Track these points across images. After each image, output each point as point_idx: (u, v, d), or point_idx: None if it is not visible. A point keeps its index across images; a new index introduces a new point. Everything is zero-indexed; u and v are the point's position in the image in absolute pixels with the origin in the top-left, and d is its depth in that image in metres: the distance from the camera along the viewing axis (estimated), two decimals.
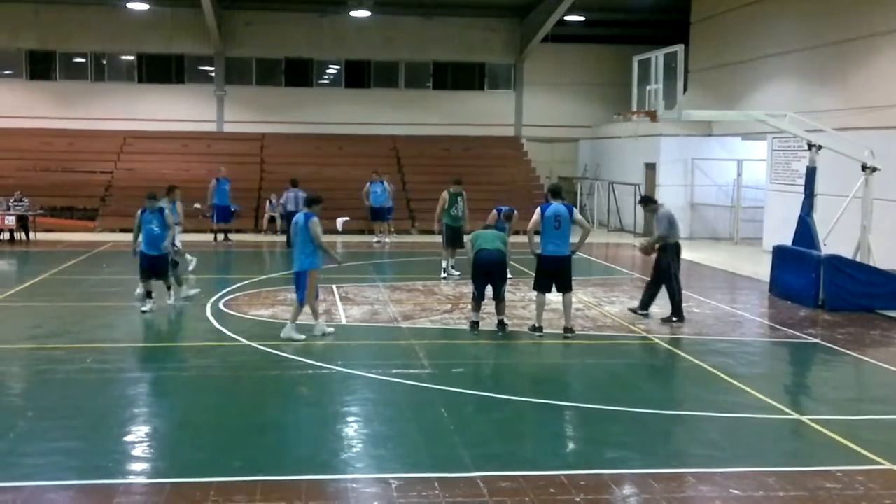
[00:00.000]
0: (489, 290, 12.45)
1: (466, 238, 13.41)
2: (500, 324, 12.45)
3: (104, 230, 25.61)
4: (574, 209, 12.35)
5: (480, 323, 12.54)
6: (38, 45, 31.37)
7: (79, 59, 31.88)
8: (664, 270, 13.39)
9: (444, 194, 17.35)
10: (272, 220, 26.11)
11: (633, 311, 13.88)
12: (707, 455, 7.62)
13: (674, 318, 13.32)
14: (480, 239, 12.53)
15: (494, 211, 15.20)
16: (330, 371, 10.20)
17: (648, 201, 14.31)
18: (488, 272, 12.30)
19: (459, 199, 17.25)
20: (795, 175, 20.69)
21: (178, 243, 15.19)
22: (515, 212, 15.84)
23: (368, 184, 24.70)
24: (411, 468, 7.12)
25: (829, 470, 7.18)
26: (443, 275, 17.08)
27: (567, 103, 33.69)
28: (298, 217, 11.93)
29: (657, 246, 13.48)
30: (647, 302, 13.74)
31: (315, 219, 11.77)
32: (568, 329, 12.22)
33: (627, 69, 18.10)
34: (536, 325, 12.34)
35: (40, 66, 31.73)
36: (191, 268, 16.77)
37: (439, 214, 17.44)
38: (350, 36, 32.33)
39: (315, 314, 12.15)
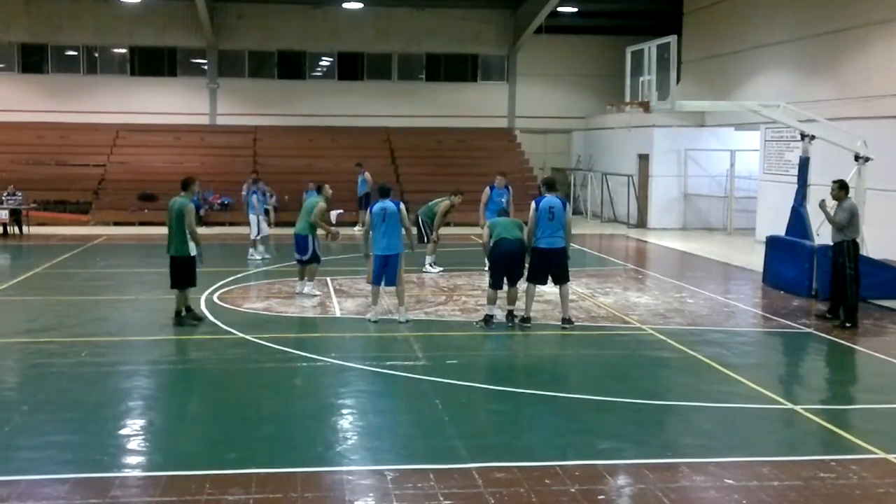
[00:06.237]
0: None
1: (484, 227, 13.16)
2: (510, 315, 12.30)
3: (97, 223, 25.57)
4: (568, 204, 12.25)
5: (495, 317, 12.25)
6: (30, 38, 31.22)
7: (71, 52, 31.76)
8: (837, 271, 12.77)
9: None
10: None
11: (820, 316, 13.17)
12: (701, 445, 7.65)
13: (847, 324, 12.49)
14: (499, 227, 12.21)
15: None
16: (324, 363, 10.20)
17: (844, 187, 13.10)
18: (510, 262, 12.03)
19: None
20: (788, 165, 20.72)
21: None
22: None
23: (360, 176, 24.87)
24: (406, 460, 7.14)
25: (822, 459, 7.21)
26: (428, 269, 16.86)
27: (560, 94, 33.66)
28: (387, 204, 12.25)
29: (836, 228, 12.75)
30: (835, 306, 13.03)
31: (403, 205, 12.46)
32: (566, 320, 12.21)
33: (620, 60, 18.09)
34: (525, 315, 12.30)
35: (32, 60, 31.60)
36: None
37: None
38: (343, 28, 32.26)
39: (402, 299, 12.45)
